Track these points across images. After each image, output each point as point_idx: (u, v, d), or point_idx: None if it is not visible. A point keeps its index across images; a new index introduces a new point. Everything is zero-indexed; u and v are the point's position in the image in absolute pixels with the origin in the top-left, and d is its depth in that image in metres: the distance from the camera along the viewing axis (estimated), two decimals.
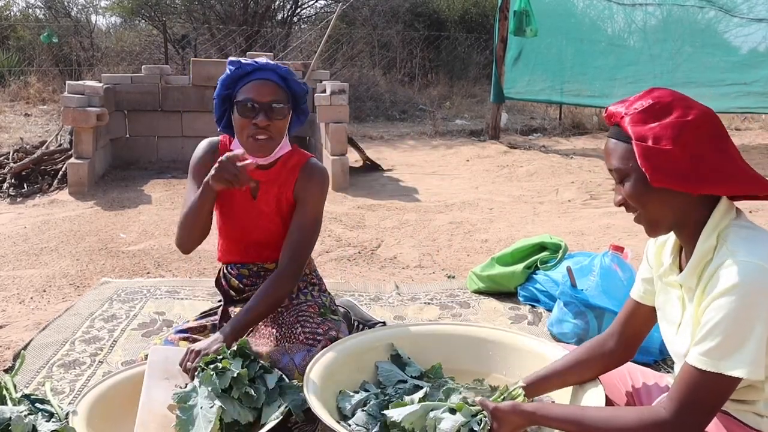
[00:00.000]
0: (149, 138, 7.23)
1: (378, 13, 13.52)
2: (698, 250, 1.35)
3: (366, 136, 9.16)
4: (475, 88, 13.08)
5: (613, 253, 2.77)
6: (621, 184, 1.40)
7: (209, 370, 1.78)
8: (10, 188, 5.75)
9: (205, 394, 1.74)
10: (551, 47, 8.96)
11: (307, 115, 2.25)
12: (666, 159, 1.30)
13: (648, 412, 1.33)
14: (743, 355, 1.23)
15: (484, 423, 1.56)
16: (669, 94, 1.38)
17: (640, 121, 1.35)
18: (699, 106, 1.36)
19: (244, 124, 2.06)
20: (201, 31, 13.39)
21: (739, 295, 1.23)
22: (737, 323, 1.23)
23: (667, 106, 1.35)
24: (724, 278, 1.26)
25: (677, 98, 1.37)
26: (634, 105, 1.38)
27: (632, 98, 1.42)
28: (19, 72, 11.87)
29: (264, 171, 2.19)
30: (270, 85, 2.07)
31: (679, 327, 1.43)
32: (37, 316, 3.01)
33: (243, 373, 1.79)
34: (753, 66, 7.97)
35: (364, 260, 3.98)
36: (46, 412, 1.77)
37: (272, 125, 2.06)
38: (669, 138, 1.31)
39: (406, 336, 2.13)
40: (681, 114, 1.33)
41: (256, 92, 2.04)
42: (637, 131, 1.34)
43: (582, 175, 6.55)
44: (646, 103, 1.37)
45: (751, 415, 1.38)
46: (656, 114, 1.34)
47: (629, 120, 1.36)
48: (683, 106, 1.35)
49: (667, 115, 1.33)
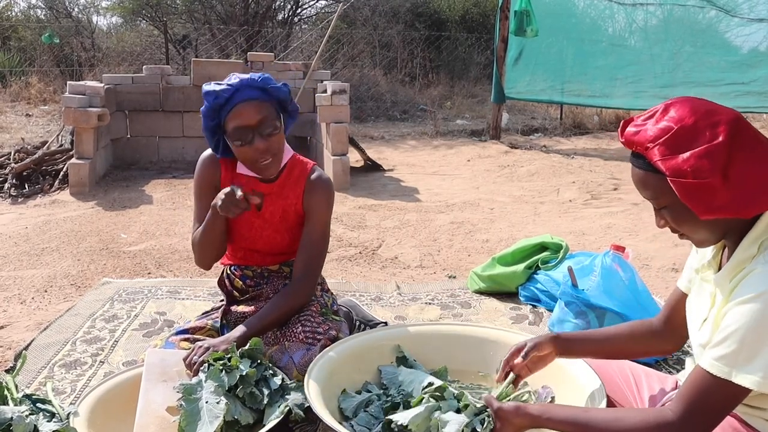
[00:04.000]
0: (150, 138, 7.23)
1: (379, 13, 13.52)
2: (737, 257, 1.33)
3: (367, 136, 9.16)
4: (476, 88, 13.08)
5: (614, 253, 2.77)
6: (660, 210, 1.35)
7: (218, 366, 1.79)
8: (11, 188, 5.76)
9: (212, 389, 1.74)
10: (552, 47, 8.96)
11: (297, 111, 2.22)
12: (710, 193, 1.24)
13: (653, 413, 1.31)
14: (756, 366, 1.21)
15: (487, 423, 1.56)
16: (689, 112, 1.28)
17: (669, 152, 1.26)
18: (723, 116, 1.28)
19: (243, 152, 2.05)
20: (202, 31, 13.39)
21: (762, 305, 1.21)
22: (756, 333, 1.21)
23: (692, 129, 1.25)
24: (750, 285, 1.24)
25: (699, 114, 1.27)
26: (655, 133, 1.28)
27: (648, 118, 1.33)
28: (20, 72, 11.87)
29: (268, 184, 2.20)
30: (253, 104, 2.03)
31: (704, 323, 1.41)
32: (39, 316, 3.01)
33: (251, 373, 1.79)
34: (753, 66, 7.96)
35: (365, 260, 3.98)
36: (47, 413, 1.78)
37: (270, 143, 2.05)
38: (708, 170, 1.22)
39: (407, 336, 2.13)
40: (711, 135, 1.24)
41: (243, 117, 2.01)
42: (671, 166, 1.25)
43: (583, 175, 6.54)
44: (668, 128, 1.27)
45: (761, 420, 1.36)
46: (684, 141, 1.25)
47: (657, 153, 1.27)
48: (709, 124, 1.25)
49: (697, 141, 1.25)
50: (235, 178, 2.22)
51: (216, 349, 1.89)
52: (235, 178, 2.22)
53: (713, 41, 8.26)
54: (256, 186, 2.20)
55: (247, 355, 1.87)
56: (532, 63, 8.94)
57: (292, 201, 2.21)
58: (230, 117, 2.03)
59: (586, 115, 10.43)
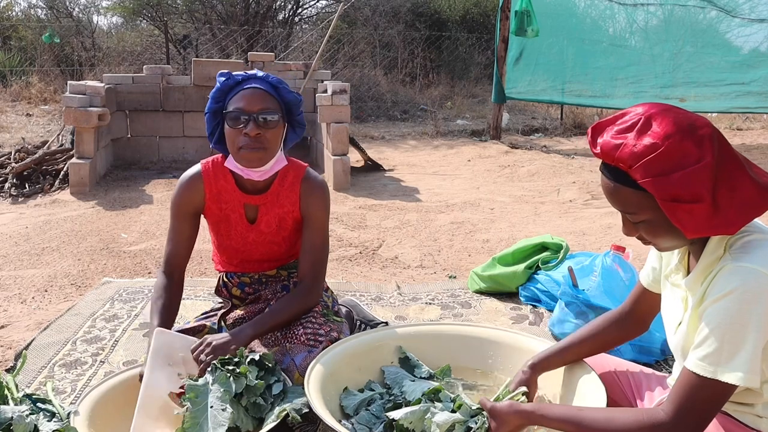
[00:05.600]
0: (151, 138, 7.23)
1: (379, 13, 13.53)
2: (704, 260, 1.35)
3: (367, 136, 9.16)
4: (477, 88, 13.08)
5: (615, 253, 2.77)
6: (637, 224, 1.35)
7: (225, 371, 1.78)
8: (11, 188, 5.76)
9: (218, 395, 1.73)
10: (552, 47, 8.96)
11: (304, 127, 2.18)
12: (702, 214, 1.24)
13: (646, 413, 1.33)
14: (739, 363, 1.23)
15: (482, 422, 1.56)
16: (673, 128, 1.24)
17: (657, 173, 1.23)
18: (704, 129, 1.25)
19: (234, 135, 2.01)
20: (202, 31, 13.40)
21: (736, 301, 1.24)
22: (734, 329, 1.24)
23: (679, 148, 1.23)
24: (722, 284, 1.27)
25: (684, 130, 1.24)
26: (640, 150, 1.25)
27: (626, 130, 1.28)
28: (21, 72, 11.88)
29: (260, 195, 2.16)
30: (259, 93, 2.01)
31: (679, 326, 1.43)
32: (39, 315, 3.01)
33: (260, 385, 1.79)
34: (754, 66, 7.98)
35: (365, 260, 3.98)
36: (47, 412, 1.78)
37: (263, 135, 2.00)
38: (700, 192, 1.22)
39: (407, 336, 2.13)
40: (698, 154, 1.23)
41: (245, 102, 1.99)
42: (662, 189, 1.23)
43: (583, 175, 6.54)
44: (653, 146, 1.24)
45: (750, 415, 1.38)
46: (673, 162, 1.23)
47: (644, 172, 1.24)
48: (695, 142, 1.23)
49: (686, 160, 1.23)
50: (221, 190, 2.16)
51: (224, 351, 1.88)
52: (221, 190, 2.16)
53: (714, 41, 8.27)
54: (248, 199, 2.16)
55: (256, 364, 1.85)
56: (532, 63, 8.94)
57: (289, 208, 2.18)
58: (234, 99, 2.02)
59: (586, 115, 10.43)
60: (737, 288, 1.24)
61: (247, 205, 2.18)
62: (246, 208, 2.18)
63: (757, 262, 1.25)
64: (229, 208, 2.18)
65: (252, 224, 2.19)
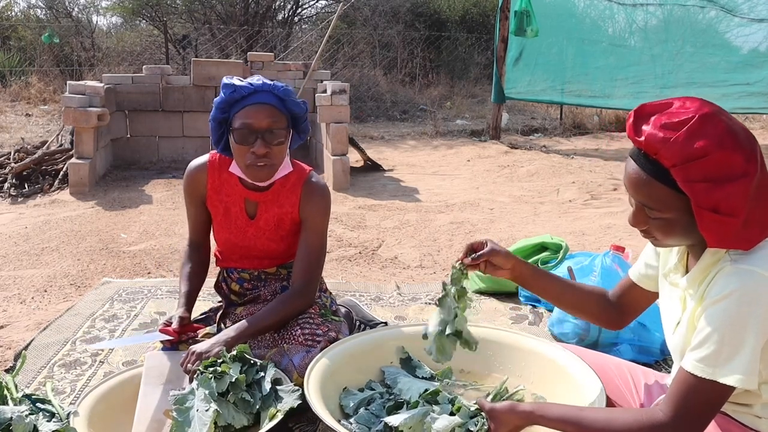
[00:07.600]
0: (150, 138, 7.23)
1: (379, 13, 13.53)
2: (704, 260, 1.34)
3: (367, 136, 9.17)
4: (476, 89, 13.09)
5: (614, 253, 2.77)
6: (654, 220, 1.33)
7: (208, 374, 1.79)
8: (11, 188, 5.76)
9: (202, 397, 1.74)
10: (552, 47, 8.97)
11: (308, 133, 2.18)
12: (732, 228, 1.23)
13: (646, 414, 1.32)
14: (737, 364, 1.23)
15: (481, 423, 1.55)
16: (727, 136, 1.21)
17: (701, 179, 1.20)
18: (752, 144, 1.23)
19: (241, 152, 2.01)
20: (202, 31, 13.39)
21: (735, 303, 1.23)
22: (732, 331, 1.23)
23: (729, 159, 1.20)
24: (721, 285, 1.26)
25: (735, 141, 1.21)
26: (690, 152, 1.20)
27: (677, 125, 1.23)
28: (20, 72, 11.88)
29: (261, 193, 2.17)
30: (267, 108, 1.99)
31: (677, 326, 1.43)
32: (38, 316, 3.01)
33: (241, 379, 1.79)
34: (754, 66, 7.98)
35: (364, 260, 3.98)
36: (47, 412, 1.78)
37: (271, 151, 2.00)
38: (739, 207, 1.21)
39: (407, 336, 2.12)
40: (744, 169, 1.20)
41: (252, 117, 1.97)
42: (701, 196, 1.21)
43: (583, 175, 6.54)
44: (704, 151, 1.20)
45: (749, 416, 1.38)
46: (719, 172, 1.20)
47: (685, 174, 1.21)
48: (745, 156, 1.21)
49: (733, 174, 1.20)
50: (224, 182, 2.19)
51: (207, 356, 1.87)
52: (224, 182, 2.19)
53: (713, 41, 8.28)
54: (249, 194, 2.18)
55: (238, 360, 1.85)
56: (532, 63, 8.94)
57: (288, 209, 2.18)
58: (241, 114, 1.99)
59: (586, 116, 10.43)
60: (736, 290, 1.23)
61: (247, 200, 2.19)
62: (246, 203, 2.20)
63: (757, 264, 1.25)
64: (231, 200, 2.20)
65: (251, 219, 2.20)
